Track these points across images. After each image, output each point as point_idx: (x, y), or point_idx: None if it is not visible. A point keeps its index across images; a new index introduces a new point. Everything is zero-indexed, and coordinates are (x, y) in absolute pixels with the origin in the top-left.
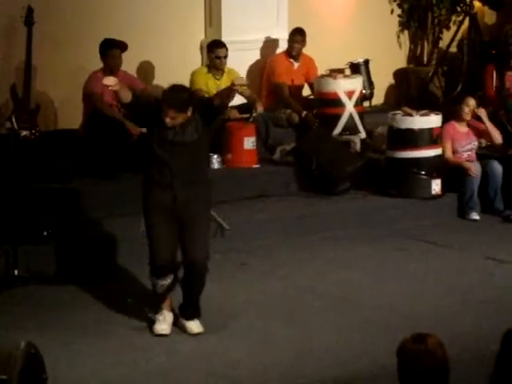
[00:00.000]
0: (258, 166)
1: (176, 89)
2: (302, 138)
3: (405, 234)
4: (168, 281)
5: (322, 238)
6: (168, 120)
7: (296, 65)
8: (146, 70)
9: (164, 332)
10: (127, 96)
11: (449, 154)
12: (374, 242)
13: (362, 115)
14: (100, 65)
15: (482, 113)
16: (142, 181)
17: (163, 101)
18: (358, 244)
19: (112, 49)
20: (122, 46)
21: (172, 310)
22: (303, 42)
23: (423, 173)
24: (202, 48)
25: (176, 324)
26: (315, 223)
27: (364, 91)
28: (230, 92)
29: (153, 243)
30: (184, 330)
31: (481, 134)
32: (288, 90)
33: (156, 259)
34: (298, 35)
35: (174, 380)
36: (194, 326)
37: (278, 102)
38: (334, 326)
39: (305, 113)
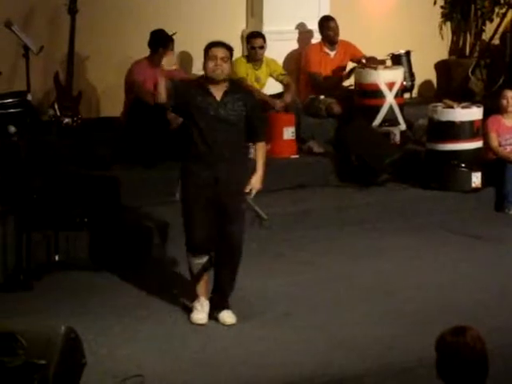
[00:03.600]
0: (297, 156)
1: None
2: (342, 128)
3: (443, 227)
4: (204, 259)
5: (361, 229)
6: (213, 64)
7: (332, 54)
8: (188, 59)
9: (201, 322)
10: (163, 97)
11: (496, 144)
12: (412, 234)
13: (402, 107)
14: (143, 54)
15: None
16: (183, 158)
17: (208, 47)
18: (397, 236)
19: (166, 50)
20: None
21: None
22: (338, 29)
23: (463, 165)
24: (242, 38)
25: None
26: (354, 214)
27: (405, 83)
28: None
29: (189, 221)
30: (217, 319)
31: None
32: (322, 78)
33: (192, 237)
34: (332, 21)
35: (208, 368)
36: (227, 316)
37: (316, 91)
38: (368, 317)
39: None
